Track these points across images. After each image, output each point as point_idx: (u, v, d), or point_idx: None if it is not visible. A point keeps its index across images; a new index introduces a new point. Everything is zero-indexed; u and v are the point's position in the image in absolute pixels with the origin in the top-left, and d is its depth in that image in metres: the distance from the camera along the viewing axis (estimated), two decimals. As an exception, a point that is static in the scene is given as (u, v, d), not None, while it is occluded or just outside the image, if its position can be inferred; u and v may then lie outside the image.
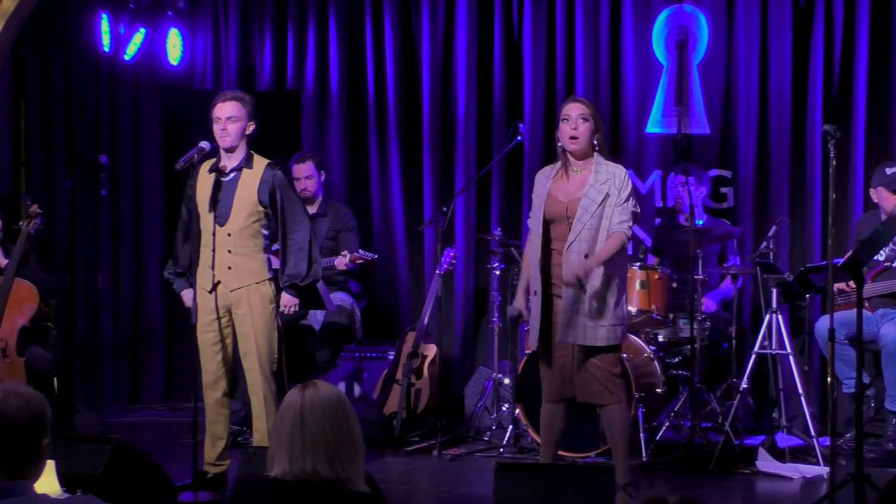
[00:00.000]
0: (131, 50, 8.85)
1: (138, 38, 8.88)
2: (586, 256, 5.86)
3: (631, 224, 5.94)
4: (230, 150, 6.29)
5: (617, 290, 5.94)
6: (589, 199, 5.89)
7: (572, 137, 5.97)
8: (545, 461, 6.11)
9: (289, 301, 6.43)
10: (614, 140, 8.78)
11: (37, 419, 2.97)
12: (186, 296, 6.41)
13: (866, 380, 7.38)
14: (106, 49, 8.69)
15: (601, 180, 5.92)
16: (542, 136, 8.88)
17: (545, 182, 6.06)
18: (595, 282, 5.86)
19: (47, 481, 3.55)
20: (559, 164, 6.08)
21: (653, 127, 8.74)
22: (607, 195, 5.89)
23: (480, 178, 8.66)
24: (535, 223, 6.04)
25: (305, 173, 8.25)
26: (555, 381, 6.03)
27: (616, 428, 6.02)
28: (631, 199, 5.93)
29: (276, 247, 7.25)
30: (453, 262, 8.20)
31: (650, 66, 8.75)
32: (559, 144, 6.04)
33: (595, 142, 6.00)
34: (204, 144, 6.20)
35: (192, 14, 9.35)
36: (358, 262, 7.95)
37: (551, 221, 5.99)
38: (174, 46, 9.15)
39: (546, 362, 6.06)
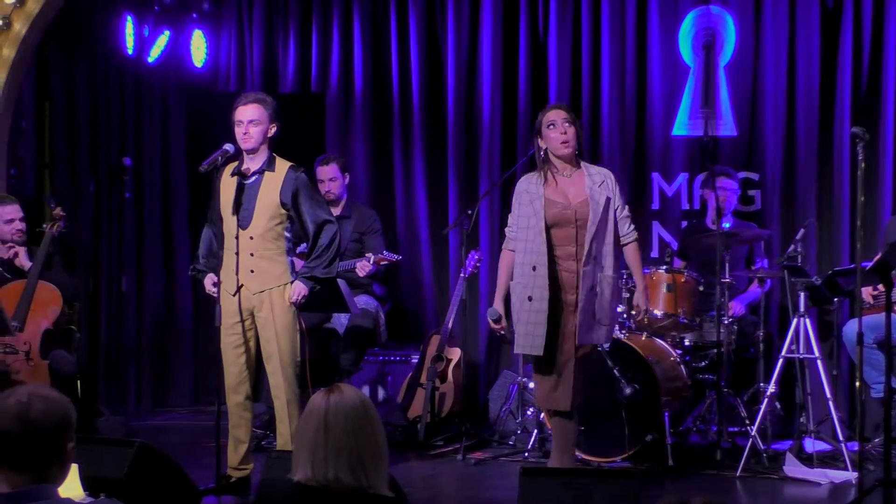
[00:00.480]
0: (155, 52, 8.91)
1: (162, 40, 8.93)
2: (596, 260, 6.00)
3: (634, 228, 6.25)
4: (252, 152, 6.30)
5: (617, 292, 6.32)
6: (595, 201, 6.02)
7: (564, 142, 6.08)
8: (563, 466, 6.11)
9: (299, 288, 6.27)
10: (640, 142, 8.79)
11: (62, 423, 2.98)
12: (208, 281, 6.40)
13: (895, 384, 7.34)
14: (130, 52, 8.74)
15: (597, 182, 6.09)
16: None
17: (536, 189, 6.10)
18: (606, 288, 6.06)
19: (71, 485, 3.56)
20: (541, 172, 6.15)
21: (679, 129, 8.73)
22: (608, 199, 6.05)
23: (505, 181, 8.66)
24: (531, 231, 6.08)
25: (329, 175, 8.26)
26: (566, 390, 6.06)
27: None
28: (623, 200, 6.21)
29: (300, 248, 7.28)
30: (478, 265, 8.21)
31: (677, 68, 8.74)
32: (542, 152, 6.13)
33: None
34: (227, 147, 6.22)
35: (217, 16, 9.39)
36: (382, 263, 7.95)
37: (553, 226, 6.04)
38: (198, 49, 9.20)
39: (548, 371, 6.07)
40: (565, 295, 6.03)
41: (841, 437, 7.14)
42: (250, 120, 6.26)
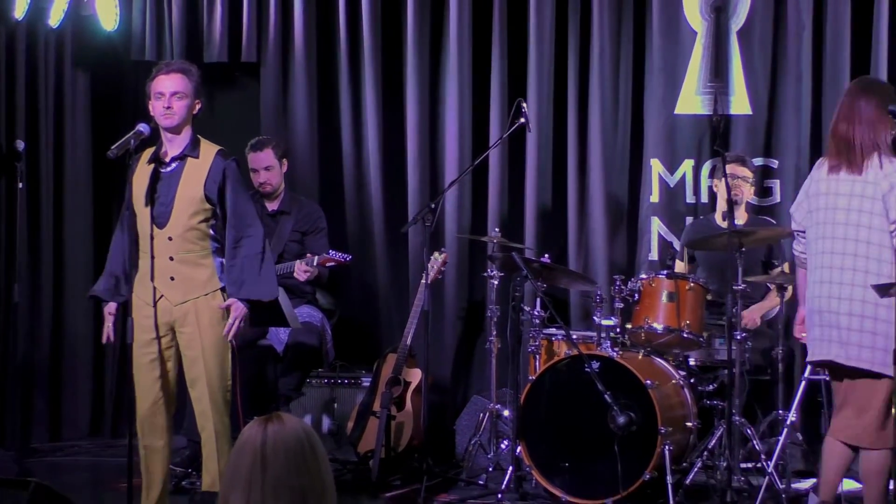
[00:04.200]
0: (56, 15, 8.88)
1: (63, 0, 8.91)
2: None
3: None
4: (174, 131, 6.29)
5: None
6: None
7: None
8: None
9: (239, 310, 6.27)
10: (637, 122, 8.85)
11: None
12: (108, 312, 6.44)
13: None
14: (19, 17, 8.73)
15: None
16: (552, 118, 8.95)
17: None
18: None
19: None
20: None
21: (684, 107, 8.81)
22: None
23: (476, 169, 8.71)
24: None
25: (265, 163, 8.29)
26: None
27: None
28: None
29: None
30: (443, 269, 8.25)
31: (681, 34, 8.81)
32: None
33: None
34: (142, 128, 6.18)
35: (128, -30, 9.40)
36: (328, 265, 7.98)
37: None
38: (108, 9, 9.17)
39: None
40: None
41: (874, 475, 7.22)
42: (173, 92, 6.26)
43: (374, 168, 9.24)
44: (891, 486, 6.29)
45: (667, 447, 7.19)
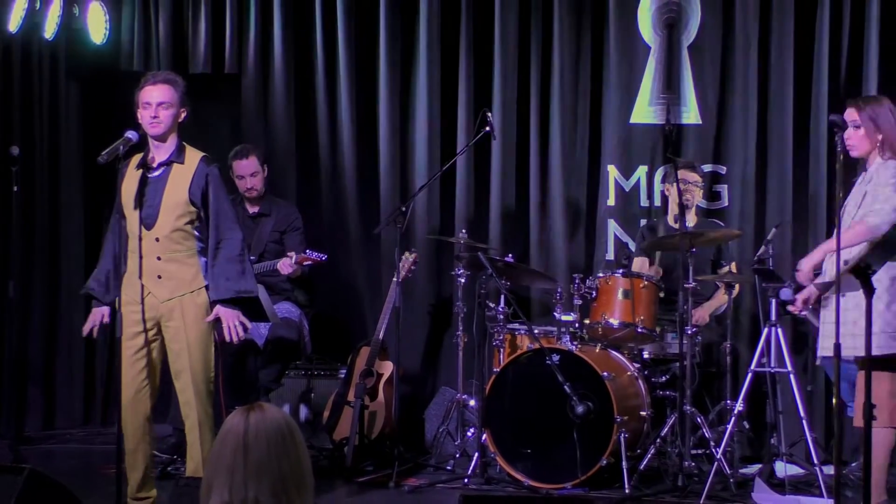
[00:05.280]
0: (50, 28, 8.84)
1: (55, 13, 8.87)
2: None
3: None
4: (160, 139, 6.28)
5: None
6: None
7: (849, 146, 6.38)
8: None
9: (228, 316, 6.28)
10: (595, 132, 8.86)
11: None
12: (95, 315, 6.44)
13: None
14: (13, 30, 8.68)
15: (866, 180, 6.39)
16: (515, 126, 8.95)
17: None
18: None
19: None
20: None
21: (639, 117, 8.82)
22: (866, 193, 6.33)
23: (444, 174, 8.71)
24: None
25: (251, 170, 8.28)
26: None
27: None
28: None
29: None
30: (413, 267, 8.25)
31: (635, 49, 8.83)
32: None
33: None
34: (131, 135, 6.14)
35: (117, -15, 9.37)
36: (306, 263, 7.97)
37: None
38: (97, 23, 9.13)
39: None
40: None
41: (816, 461, 7.25)
42: (160, 102, 6.25)
43: (349, 173, 9.23)
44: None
45: (622, 435, 7.20)
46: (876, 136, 6.28)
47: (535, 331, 7.68)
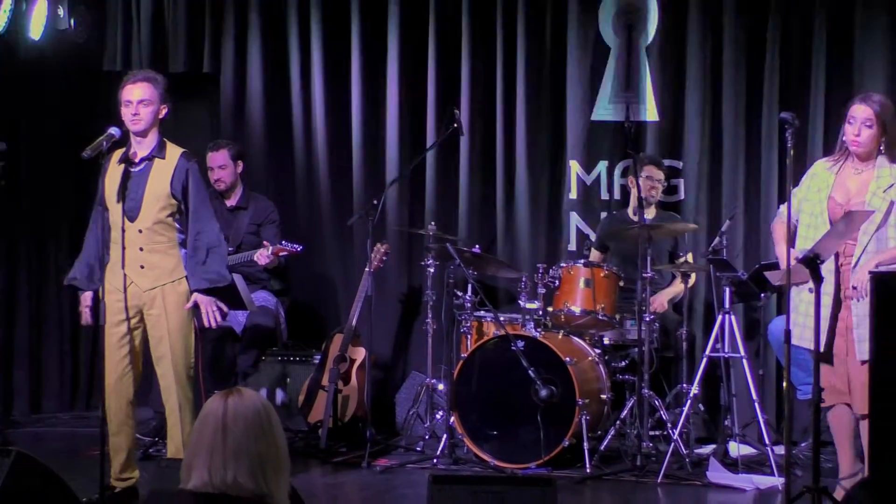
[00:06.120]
0: (35, 29, 8.78)
1: (40, 13, 8.80)
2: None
3: None
4: (141, 135, 6.27)
5: None
6: (873, 207, 6.11)
7: (854, 142, 6.23)
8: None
9: (204, 302, 6.31)
10: (559, 128, 8.86)
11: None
12: (83, 301, 6.42)
13: (824, 385, 7.48)
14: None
15: (883, 186, 6.16)
16: (482, 124, 8.95)
17: (828, 176, 6.28)
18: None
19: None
20: (838, 156, 6.33)
21: (599, 114, 8.82)
22: (893, 203, 6.12)
23: (414, 169, 8.71)
24: (818, 220, 6.20)
25: (219, 162, 8.27)
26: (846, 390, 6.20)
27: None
28: None
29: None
30: (384, 258, 8.24)
31: (596, 49, 8.82)
32: (843, 139, 6.29)
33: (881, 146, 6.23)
34: (113, 131, 6.13)
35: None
36: (281, 254, 7.95)
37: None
38: (81, 24, 9.06)
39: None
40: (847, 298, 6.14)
41: (767, 441, 7.29)
42: (140, 100, 6.24)
43: (323, 168, 9.21)
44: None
45: (584, 417, 7.21)
46: (882, 136, 6.22)
47: (501, 318, 7.68)
